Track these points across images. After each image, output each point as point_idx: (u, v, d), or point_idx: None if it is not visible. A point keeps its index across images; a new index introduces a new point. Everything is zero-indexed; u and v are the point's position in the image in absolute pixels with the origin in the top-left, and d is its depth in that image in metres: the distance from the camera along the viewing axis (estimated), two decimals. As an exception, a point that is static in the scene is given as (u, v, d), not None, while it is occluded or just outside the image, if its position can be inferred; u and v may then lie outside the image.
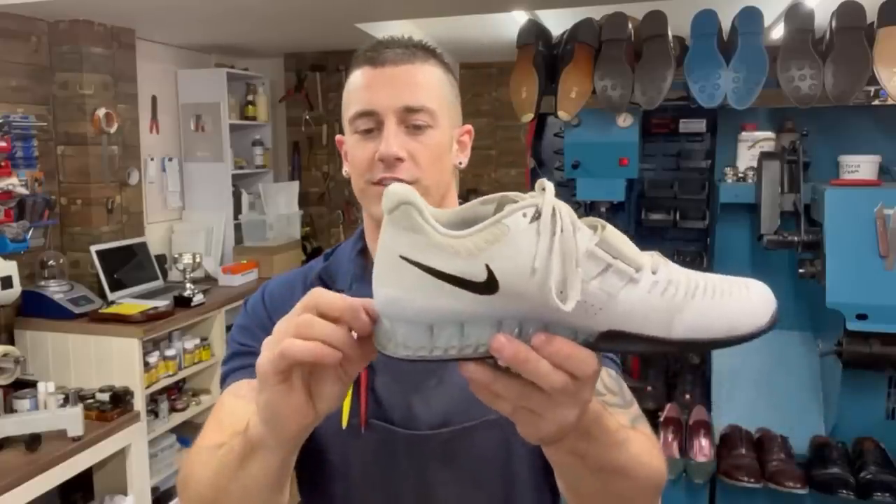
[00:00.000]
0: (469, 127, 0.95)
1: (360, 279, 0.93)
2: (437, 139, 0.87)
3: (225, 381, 0.91)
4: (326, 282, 0.94)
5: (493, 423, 0.85)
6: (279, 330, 0.58)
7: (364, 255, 0.97)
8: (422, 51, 0.88)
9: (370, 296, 0.90)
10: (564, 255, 0.50)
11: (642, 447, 0.72)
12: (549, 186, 0.51)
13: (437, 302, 0.50)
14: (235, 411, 0.83)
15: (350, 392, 0.86)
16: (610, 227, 0.53)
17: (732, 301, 0.54)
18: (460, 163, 0.93)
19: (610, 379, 0.85)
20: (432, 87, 0.87)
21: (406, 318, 0.52)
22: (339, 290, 0.92)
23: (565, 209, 0.51)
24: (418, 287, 0.50)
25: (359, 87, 0.86)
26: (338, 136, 0.95)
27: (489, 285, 0.49)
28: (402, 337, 0.53)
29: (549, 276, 0.49)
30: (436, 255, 0.50)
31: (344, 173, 0.94)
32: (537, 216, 0.50)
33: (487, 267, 0.49)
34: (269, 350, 0.57)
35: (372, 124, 0.85)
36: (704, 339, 0.53)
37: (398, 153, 0.83)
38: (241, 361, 0.90)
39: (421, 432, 0.85)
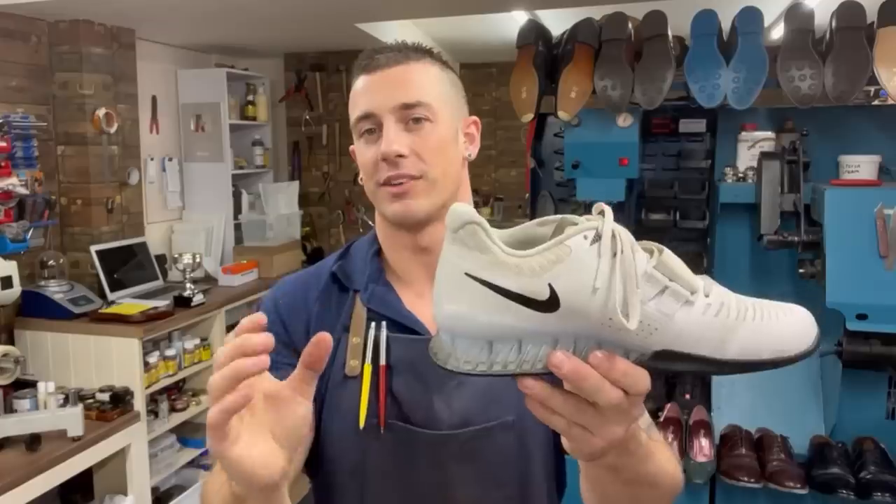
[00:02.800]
0: (475, 118, 0.96)
1: (375, 280, 0.93)
2: (438, 132, 0.88)
3: None
4: (341, 280, 0.94)
5: (511, 424, 0.87)
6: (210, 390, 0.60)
7: (380, 256, 0.96)
8: (414, 51, 0.90)
9: (385, 297, 0.90)
10: (625, 276, 0.52)
11: (664, 455, 0.74)
12: (608, 210, 0.54)
13: (500, 318, 0.52)
14: None
15: (367, 392, 0.86)
16: (667, 251, 0.55)
17: (780, 324, 0.56)
18: (469, 154, 0.94)
19: None
20: (427, 82, 0.89)
21: (468, 333, 0.54)
22: (354, 290, 0.93)
23: (624, 233, 0.53)
24: (482, 304, 0.52)
25: (357, 94, 0.89)
26: (351, 147, 0.97)
27: (551, 303, 0.52)
28: (462, 352, 0.54)
29: (612, 294, 0.51)
30: (501, 273, 0.52)
31: (360, 181, 0.95)
32: (597, 238, 0.52)
33: (550, 286, 0.51)
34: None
35: (373, 125, 0.87)
36: (754, 360, 0.55)
37: (399, 150, 0.85)
38: None
39: (441, 432, 0.86)
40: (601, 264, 0.52)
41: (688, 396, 2.34)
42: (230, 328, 3.51)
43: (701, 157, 2.54)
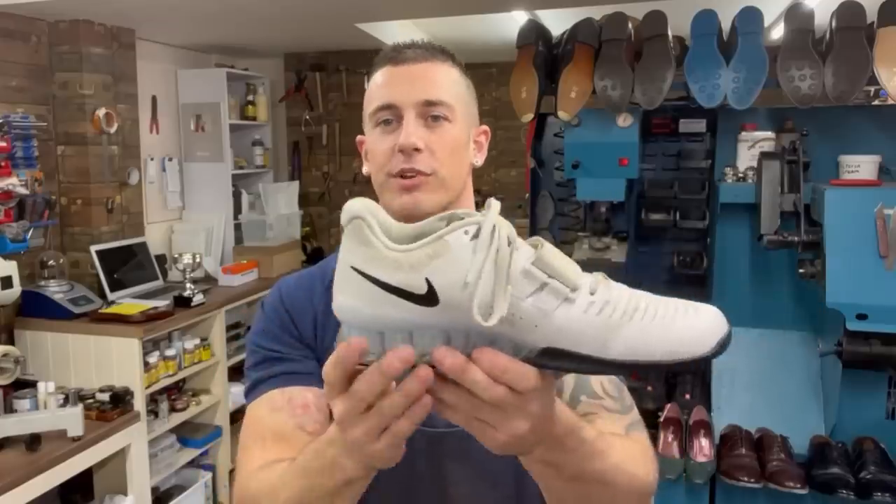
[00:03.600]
0: (486, 128, 0.99)
1: None
2: (454, 133, 0.90)
3: (256, 388, 0.90)
4: None
5: None
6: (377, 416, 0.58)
7: None
8: (440, 52, 0.92)
9: None
10: (496, 272, 0.52)
11: (627, 454, 0.73)
12: (495, 205, 0.54)
13: (383, 311, 0.53)
14: (276, 426, 0.84)
15: None
16: (548, 246, 0.55)
17: (675, 324, 0.54)
18: (476, 162, 0.97)
19: (610, 384, 0.87)
20: (450, 84, 0.91)
21: (359, 324, 0.55)
22: None
23: (505, 227, 0.53)
24: (368, 297, 0.54)
25: (380, 84, 0.91)
26: (359, 137, 0.98)
27: (430, 298, 0.52)
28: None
29: (478, 290, 0.52)
30: (381, 267, 0.53)
31: (364, 172, 0.97)
32: (477, 234, 0.53)
33: (428, 280, 0.52)
34: (377, 438, 0.58)
35: (391, 116, 0.89)
36: (643, 362, 0.54)
37: (416, 143, 0.86)
38: (269, 369, 0.90)
39: (438, 430, 0.86)
40: (475, 260, 0.52)
41: (688, 396, 2.35)
42: (230, 328, 3.51)
43: (701, 157, 2.55)
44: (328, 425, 0.86)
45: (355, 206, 0.54)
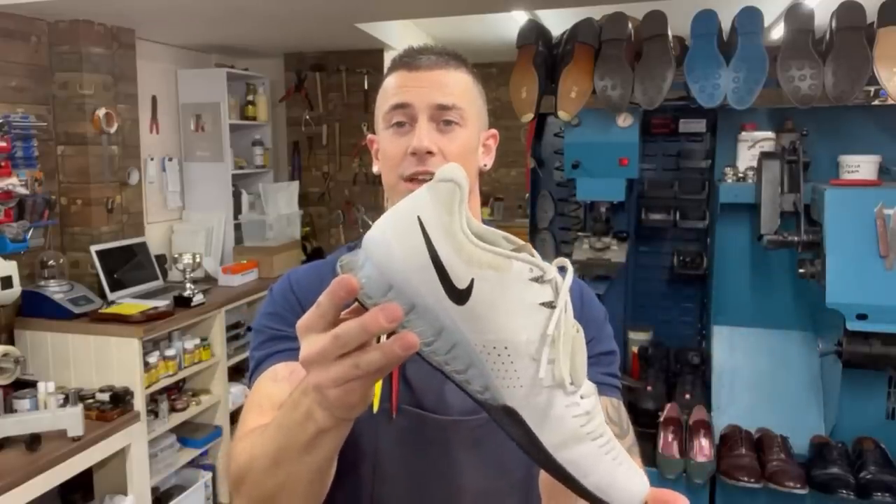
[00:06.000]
0: (494, 131, 1.01)
1: None
2: (466, 138, 0.92)
3: (260, 366, 0.91)
4: None
5: None
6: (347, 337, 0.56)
7: None
8: (454, 58, 0.95)
9: None
10: (564, 339, 0.53)
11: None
12: (570, 269, 0.55)
13: (412, 273, 0.52)
14: (275, 395, 0.83)
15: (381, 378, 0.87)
16: (581, 336, 0.55)
17: (620, 470, 0.56)
18: (485, 165, 0.99)
19: (612, 408, 0.89)
20: (463, 89, 0.93)
21: (379, 266, 0.53)
22: None
23: (569, 301, 0.54)
24: (410, 249, 0.52)
25: (394, 86, 0.92)
26: (369, 136, 1.00)
27: (461, 296, 0.52)
28: (364, 277, 0.54)
29: (537, 340, 0.52)
30: (445, 240, 0.52)
31: (374, 171, 0.98)
32: (539, 280, 0.53)
33: (473, 282, 0.52)
34: (353, 367, 0.56)
35: (405, 118, 0.90)
36: (575, 477, 0.55)
37: (429, 146, 0.88)
38: (275, 346, 0.90)
39: (451, 418, 0.87)
40: (529, 301, 0.52)
41: (688, 396, 2.35)
42: (230, 328, 3.51)
43: (701, 157, 2.55)
44: None
45: (456, 173, 0.52)
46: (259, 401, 0.85)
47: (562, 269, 0.54)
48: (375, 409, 0.87)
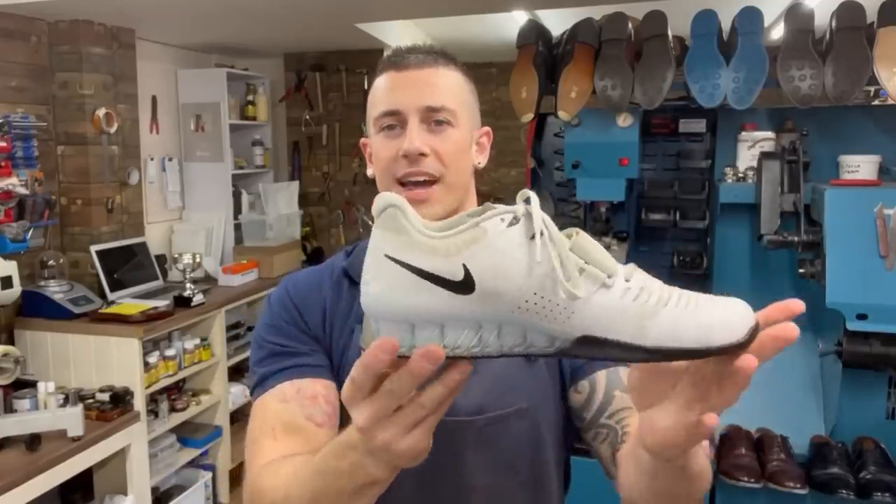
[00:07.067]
0: (488, 129, 1.00)
1: None
2: (458, 137, 0.91)
3: (264, 382, 0.90)
4: (352, 277, 0.95)
5: (525, 411, 0.89)
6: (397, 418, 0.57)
7: None
8: (442, 57, 0.94)
9: None
10: (561, 256, 0.53)
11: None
12: (533, 195, 0.54)
13: (417, 299, 0.53)
14: (285, 417, 0.84)
15: None
16: (583, 234, 0.55)
17: (706, 313, 0.55)
18: (479, 163, 0.98)
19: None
20: (452, 88, 0.92)
21: (390, 315, 0.54)
22: None
23: (546, 216, 0.54)
24: (400, 284, 0.53)
25: (383, 89, 0.91)
26: (362, 140, 0.99)
27: (466, 285, 0.52)
28: (385, 335, 0.55)
29: (539, 275, 0.52)
30: (417, 253, 0.53)
31: (369, 174, 0.97)
32: (515, 221, 0.53)
33: (465, 266, 0.52)
34: (407, 432, 0.57)
35: (395, 122, 0.89)
36: (677, 348, 0.54)
37: (421, 148, 0.87)
38: (278, 363, 0.90)
39: (458, 419, 0.87)
40: (520, 245, 0.52)
41: (688, 396, 2.34)
42: (230, 328, 3.51)
43: (701, 157, 2.55)
44: (336, 418, 0.87)
45: (388, 196, 0.54)
46: (271, 424, 0.85)
47: (526, 201, 0.54)
48: None
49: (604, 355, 0.55)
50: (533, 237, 0.53)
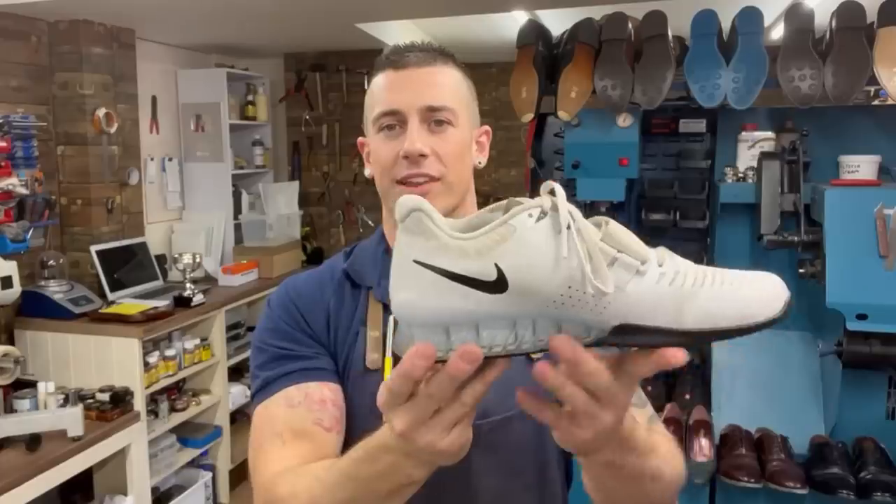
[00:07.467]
0: (487, 128, 0.99)
1: (388, 275, 0.93)
2: (458, 137, 0.90)
3: (267, 386, 0.89)
4: (353, 278, 0.95)
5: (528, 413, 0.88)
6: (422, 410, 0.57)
7: (389, 253, 0.97)
8: (441, 55, 0.92)
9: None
10: (589, 248, 0.52)
11: (667, 449, 0.75)
12: (559, 188, 0.54)
13: (450, 302, 0.52)
14: (294, 422, 0.83)
15: None
16: (613, 223, 0.55)
17: (743, 289, 0.54)
18: (479, 162, 0.97)
19: None
20: (452, 87, 0.91)
21: (423, 320, 0.54)
22: (367, 287, 0.94)
23: (573, 208, 0.53)
24: (432, 289, 0.52)
25: (382, 88, 0.90)
26: (360, 139, 0.98)
27: (499, 284, 0.52)
28: (420, 340, 0.54)
29: (567, 266, 0.51)
30: (447, 256, 0.52)
31: (367, 174, 0.97)
32: (543, 215, 0.52)
33: (497, 266, 0.52)
34: (447, 435, 0.58)
35: (395, 122, 0.88)
36: (717, 329, 0.53)
37: (422, 149, 0.86)
38: (282, 367, 0.89)
39: None
40: (550, 239, 0.52)
41: (688, 396, 2.35)
42: (230, 328, 3.51)
43: (701, 157, 2.54)
44: (343, 421, 0.86)
45: (411, 200, 0.53)
46: (278, 430, 0.84)
47: (551, 192, 0.54)
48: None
49: (642, 342, 0.54)
50: (561, 230, 0.52)
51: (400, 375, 0.54)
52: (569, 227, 0.52)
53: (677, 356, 0.53)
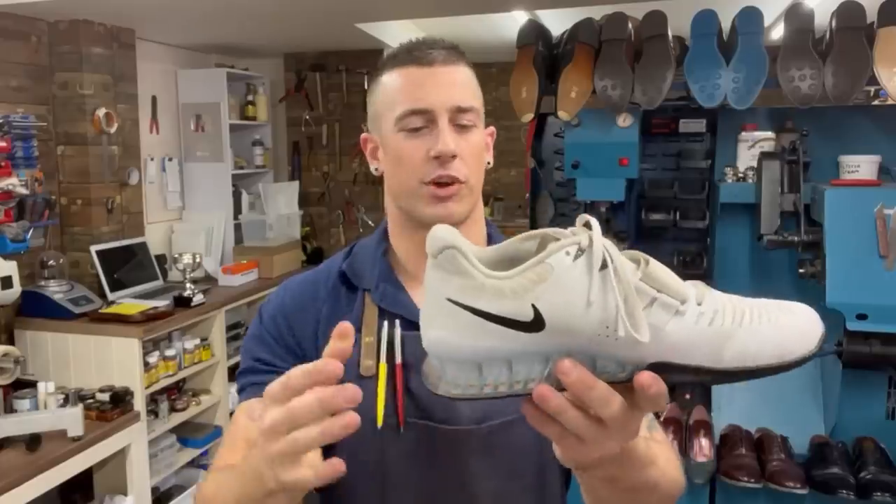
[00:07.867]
0: (493, 129, 0.98)
1: (386, 279, 0.93)
2: (478, 138, 0.90)
3: (241, 392, 0.92)
4: (350, 280, 0.94)
5: None
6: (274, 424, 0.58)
7: (387, 255, 0.96)
8: (457, 53, 0.90)
9: (397, 295, 0.87)
10: (623, 288, 0.51)
11: (665, 457, 0.74)
12: (595, 223, 0.53)
13: (485, 342, 0.52)
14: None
15: (384, 393, 0.86)
16: (653, 262, 0.54)
17: (780, 327, 0.54)
18: (488, 163, 0.96)
19: None
20: (474, 87, 0.90)
21: (456, 358, 0.53)
22: (364, 289, 0.93)
23: (611, 246, 0.52)
24: (467, 329, 0.52)
25: (407, 85, 0.87)
26: (363, 135, 0.95)
27: (536, 323, 0.51)
28: (452, 376, 0.54)
29: (604, 309, 0.50)
30: (483, 297, 0.51)
31: (373, 171, 0.94)
32: (580, 253, 0.51)
33: (534, 306, 0.50)
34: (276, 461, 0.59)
35: (422, 122, 0.86)
36: (753, 367, 0.53)
37: (455, 150, 0.85)
38: (255, 378, 0.90)
39: (463, 427, 0.86)
40: (587, 279, 0.51)
41: (688, 396, 2.34)
42: (230, 328, 3.51)
43: (701, 157, 2.54)
44: None
45: (445, 235, 0.52)
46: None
47: (587, 225, 0.53)
48: (380, 424, 0.85)
49: (677, 379, 0.54)
50: (599, 270, 0.51)
51: (301, 371, 0.56)
52: (605, 267, 0.51)
53: None
